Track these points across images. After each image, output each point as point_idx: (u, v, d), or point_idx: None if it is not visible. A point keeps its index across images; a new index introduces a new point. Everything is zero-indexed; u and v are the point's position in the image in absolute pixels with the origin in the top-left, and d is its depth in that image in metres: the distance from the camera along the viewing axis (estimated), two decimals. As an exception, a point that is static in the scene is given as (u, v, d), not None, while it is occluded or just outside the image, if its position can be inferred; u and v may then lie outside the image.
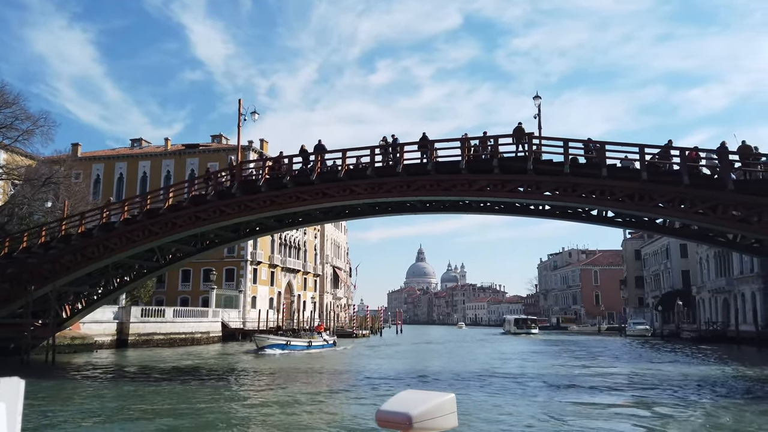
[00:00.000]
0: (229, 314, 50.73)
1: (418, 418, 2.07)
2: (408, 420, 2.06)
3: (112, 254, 25.86)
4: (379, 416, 2.14)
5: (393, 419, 2.10)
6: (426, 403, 2.14)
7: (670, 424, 13.25)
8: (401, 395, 2.24)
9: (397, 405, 2.14)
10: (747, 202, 18.37)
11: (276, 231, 34.30)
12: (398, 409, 2.11)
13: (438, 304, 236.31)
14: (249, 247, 55.21)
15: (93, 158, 60.98)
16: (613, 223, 23.98)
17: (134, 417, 13.84)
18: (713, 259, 56.56)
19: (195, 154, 58.83)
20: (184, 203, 25.33)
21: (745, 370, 26.28)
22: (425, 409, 2.10)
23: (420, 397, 2.19)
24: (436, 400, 2.17)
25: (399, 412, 2.09)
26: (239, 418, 13.97)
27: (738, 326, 49.47)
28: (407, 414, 2.07)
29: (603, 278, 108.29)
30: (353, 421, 13.23)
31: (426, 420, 2.09)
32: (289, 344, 37.53)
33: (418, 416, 2.07)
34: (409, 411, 2.08)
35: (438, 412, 2.14)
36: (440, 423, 2.14)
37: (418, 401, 2.15)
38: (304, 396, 17.12)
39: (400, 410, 2.10)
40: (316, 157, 23.57)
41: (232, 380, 21.78)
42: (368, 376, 23.94)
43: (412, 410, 2.08)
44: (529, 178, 20.82)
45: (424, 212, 26.59)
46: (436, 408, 2.14)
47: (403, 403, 2.15)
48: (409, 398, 2.20)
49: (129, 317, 37.62)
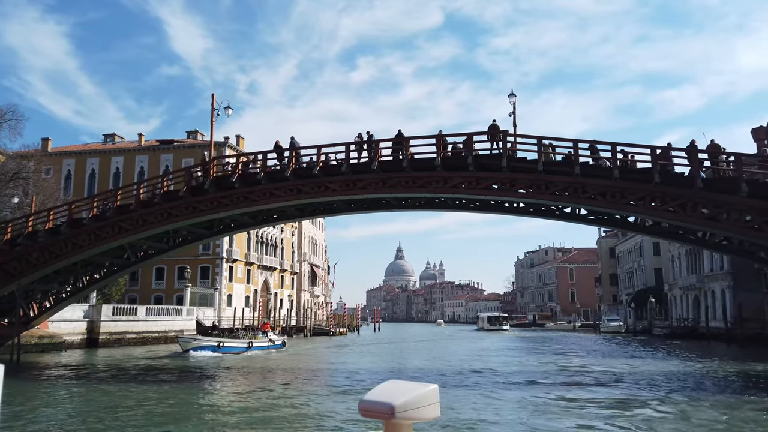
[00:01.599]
0: (203, 312, 50.09)
1: (401, 408, 2.06)
2: (391, 410, 2.05)
3: (80, 251, 25.24)
4: (362, 406, 2.13)
5: (376, 409, 2.09)
6: (409, 393, 2.13)
7: (628, 415, 13.42)
8: (384, 385, 2.23)
9: (380, 395, 2.13)
10: (715, 200, 18.67)
11: (250, 228, 33.90)
12: (381, 399, 2.10)
13: (417, 302, 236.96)
14: (225, 245, 54.57)
15: (64, 153, 59.61)
16: (587, 221, 24.20)
17: (99, 417, 13.49)
18: (685, 257, 57.66)
19: (169, 150, 57.91)
20: (155, 199, 24.85)
21: (709, 365, 26.84)
22: (408, 399, 2.10)
23: (403, 387, 2.18)
24: (419, 391, 2.16)
25: (382, 402, 2.08)
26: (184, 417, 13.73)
27: (708, 323, 50.51)
28: (390, 404, 2.06)
29: (578, 276, 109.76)
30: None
31: (409, 410, 2.09)
32: (221, 346, 32.95)
33: (401, 406, 2.07)
34: (392, 401, 2.07)
35: (421, 403, 2.14)
36: (423, 413, 2.14)
37: (401, 391, 2.15)
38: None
39: (383, 400, 2.09)
40: (291, 153, 23.32)
41: (187, 381, 21.47)
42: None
43: (395, 400, 2.08)
44: (503, 176, 20.87)
45: (400, 209, 26.54)
46: (419, 398, 2.14)
47: (386, 393, 2.14)
48: (392, 388, 2.19)
49: (100, 316, 36.90)
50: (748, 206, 18.48)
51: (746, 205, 18.47)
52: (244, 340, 35.26)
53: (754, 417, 13.63)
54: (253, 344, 35.22)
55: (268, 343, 36.95)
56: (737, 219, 18.65)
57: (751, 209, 18.54)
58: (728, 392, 18.36)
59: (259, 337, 36.87)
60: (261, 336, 37.25)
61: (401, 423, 2.10)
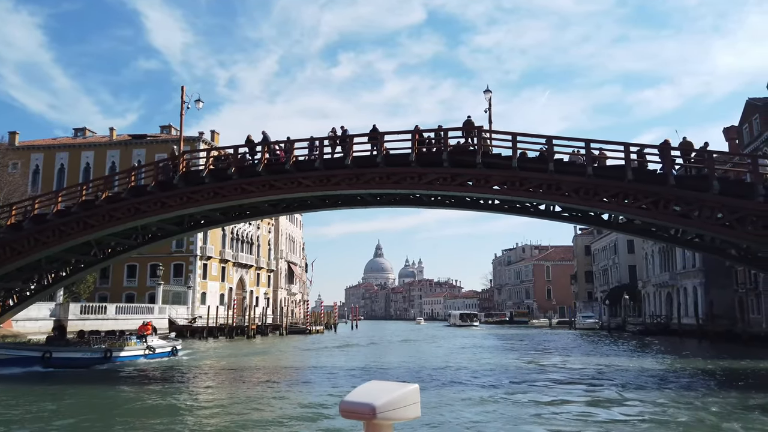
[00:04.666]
0: (177, 311, 49.18)
1: (382, 408, 2.06)
2: (372, 411, 2.05)
3: (44, 248, 24.39)
4: (343, 407, 2.13)
5: (357, 410, 2.09)
6: (390, 393, 2.13)
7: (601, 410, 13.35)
8: (365, 386, 2.23)
9: (361, 396, 2.13)
10: (687, 197, 18.74)
11: (222, 224, 33.23)
12: (362, 399, 2.10)
13: (395, 300, 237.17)
14: (198, 242, 53.69)
15: (32, 147, 58.02)
16: (561, 218, 24.17)
17: (58, 418, 12.91)
18: (658, 254, 58.47)
19: (142, 145, 56.75)
20: (122, 194, 24.15)
21: (679, 362, 27.12)
22: (389, 400, 2.09)
23: (384, 388, 2.19)
24: (400, 391, 2.16)
25: (363, 403, 2.08)
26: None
27: (680, 319, 51.32)
28: (371, 404, 2.06)
29: (555, 273, 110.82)
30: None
31: (390, 410, 2.08)
32: (48, 357, 23.02)
33: (382, 407, 2.06)
34: (373, 401, 2.07)
35: (402, 403, 2.13)
36: (404, 413, 2.14)
37: (382, 391, 2.15)
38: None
39: (364, 401, 2.09)
40: (263, 148, 22.84)
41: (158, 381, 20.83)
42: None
43: (376, 401, 2.07)
44: (478, 172, 20.67)
45: (375, 205, 26.24)
46: (400, 398, 2.13)
47: (366, 394, 2.13)
48: (373, 389, 2.19)
49: (67, 314, 35.89)
50: (719, 204, 18.59)
51: (718, 203, 18.57)
52: (97, 349, 25.48)
53: (716, 412, 13.66)
54: (113, 355, 25.56)
55: (145, 352, 27.74)
56: (709, 216, 18.74)
57: (723, 207, 18.65)
58: (694, 388, 18.46)
59: (132, 343, 27.51)
60: (135, 342, 27.88)
61: (382, 423, 2.09)
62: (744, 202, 18.36)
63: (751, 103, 43.06)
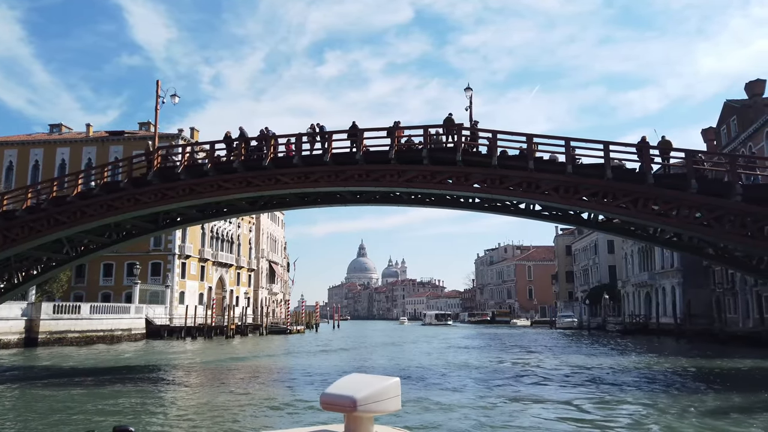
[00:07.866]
0: (154, 310, 48.35)
1: (363, 401, 2.07)
2: (353, 403, 2.06)
3: (13, 245, 23.66)
4: (324, 399, 2.14)
5: (338, 402, 2.10)
6: (371, 386, 2.14)
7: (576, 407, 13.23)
8: (346, 378, 2.23)
9: (342, 388, 2.14)
10: (665, 195, 18.75)
11: (199, 222, 32.67)
12: (343, 392, 2.11)
13: (378, 299, 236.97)
14: (177, 240, 52.84)
15: (5, 143, 56.66)
16: (541, 217, 24.10)
17: (26, 422, 12.40)
18: (637, 254, 59.01)
19: (119, 142, 55.75)
20: (95, 190, 23.52)
21: (656, 360, 27.27)
22: (370, 393, 2.10)
23: (365, 381, 2.19)
24: (381, 384, 2.17)
25: (344, 396, 2.09)
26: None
27: (659, 319, 51.84)
28: (352, 397, 2.07)
29: (536, 273, 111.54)
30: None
31: (370, 403, 2.09)
32: None
33: (363, 399, 2.07)
34: (354, 394, 2.07)
35: (382, 396, 2.14)
36: (384, 406, 2.14)
37: (362, 384, 2.15)
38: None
39: (344, 393, 2.09)
40: (240, 144, 22.39)
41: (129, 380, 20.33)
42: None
43: (357, 393, 2.08)
44: (458, 170, 20.48)
45: (355, 203, 25.91)
46: (380, 391, 2.14)
47: (347, 387, 2.14)
48: (354, 381, 2.19)
49: (39, 314, 35.06)
50: (697, 203, 18.63)
51: (696, 202, 18.61)
52: None
53: (693, 411, 13.64)
54: None
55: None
56: (687, 215, 18.77)
57: (701, 206, 18.70)
58: (666, 386, 18.49)
59: None
60: None
61: (363, 416, 2.09)
62: (722, 201, 18.43)
63: (728, 105, 43.59)
